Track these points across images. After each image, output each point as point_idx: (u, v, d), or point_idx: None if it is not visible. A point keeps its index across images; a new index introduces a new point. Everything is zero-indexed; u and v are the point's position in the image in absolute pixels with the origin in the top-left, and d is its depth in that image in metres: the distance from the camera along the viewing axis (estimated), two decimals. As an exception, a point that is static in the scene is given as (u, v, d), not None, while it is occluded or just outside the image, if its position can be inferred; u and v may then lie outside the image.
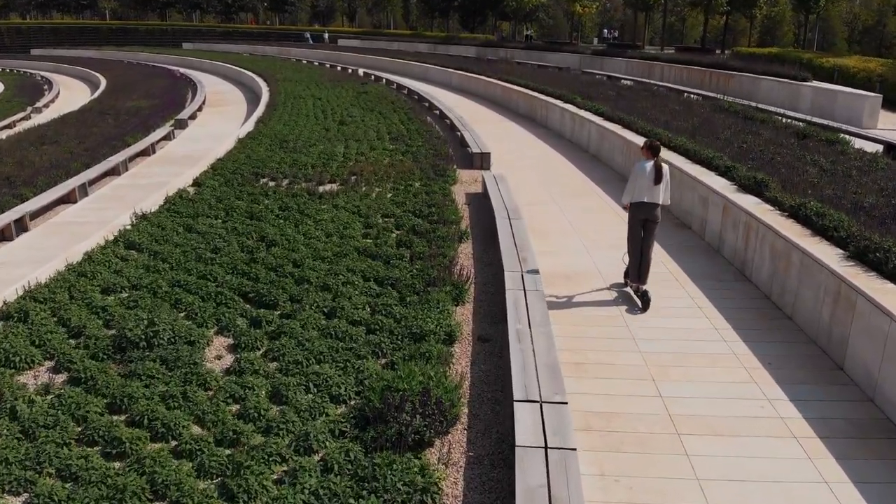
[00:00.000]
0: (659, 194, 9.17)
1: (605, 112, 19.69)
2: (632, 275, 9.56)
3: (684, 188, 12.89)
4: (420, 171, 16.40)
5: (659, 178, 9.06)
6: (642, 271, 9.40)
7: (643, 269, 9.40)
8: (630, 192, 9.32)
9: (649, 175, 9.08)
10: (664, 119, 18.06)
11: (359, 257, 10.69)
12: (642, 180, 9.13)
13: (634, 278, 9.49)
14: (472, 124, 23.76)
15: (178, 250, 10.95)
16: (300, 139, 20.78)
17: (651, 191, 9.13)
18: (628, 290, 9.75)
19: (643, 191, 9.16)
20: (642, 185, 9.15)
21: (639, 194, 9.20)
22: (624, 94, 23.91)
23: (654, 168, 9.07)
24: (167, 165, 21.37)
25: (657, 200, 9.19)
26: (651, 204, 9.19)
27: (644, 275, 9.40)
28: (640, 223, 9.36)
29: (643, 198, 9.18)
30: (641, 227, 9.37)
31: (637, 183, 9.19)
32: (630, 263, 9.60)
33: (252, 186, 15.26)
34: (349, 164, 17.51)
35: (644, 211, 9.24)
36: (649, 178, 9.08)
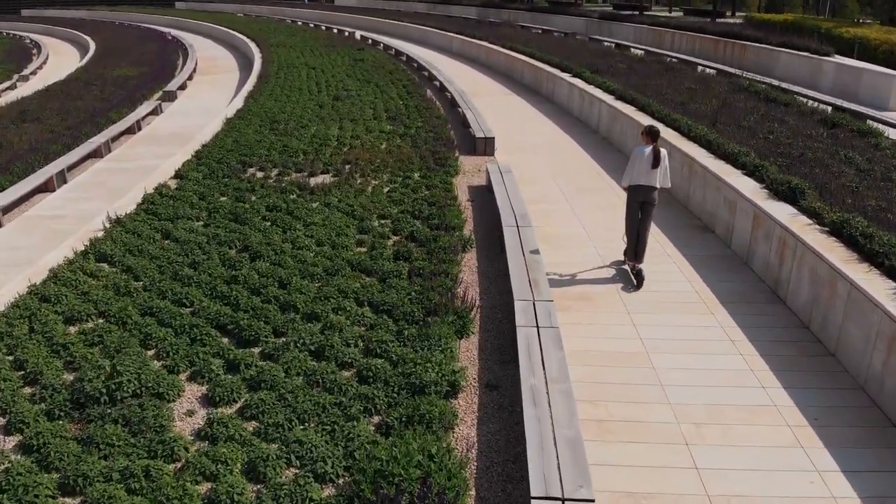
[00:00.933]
0: (656, 178, 9.50)
1: (617, 90, 18.47)
2: (629, 254, 9.97)
3: (708, 188, 11.82)
4: (419, 160, 15.29)
5: (656, 162, 9.37)
6: (639, 251, 9.78)
7: (640, 249, 9.77)
8: (629, 175, 9.66)
9: (647, 159, 9.40)
10: (680, 100, 16.88)
11: (352, 273, 9.69)
12: (640, 164, 9.45)
13: (631, 258, 9.90)
14: (474, 98, 22.55)
15: (153, 265, 9.95)
16: (292, 118, 19.59)
17: (648, 175, 9.47)
18: (626, 268, 10.10)
19: (641, 174, 9.49)
20: (640, 168, 9.47)
21: (636, 178, 9.54)
22: (635, 68, 22.61)
23: (652, 153, 9.39)
24: (152, 145, 20.25)
25: (654, 184, 9.51)
26: (648, 187, 9.52)
27: (640, 254, 9.79)
28: (638, 205, 9.68)
29: (641, 181, 9.52)
30: (639, 209, 9.68)
31: (635, 167, 9.51)
32: (627, 244, 9.98)
33: (238, 179, 14.18)
34: (343, 151, 16.38)
35: (642, 194, 9.58)
36: (647, 163, 9.41)
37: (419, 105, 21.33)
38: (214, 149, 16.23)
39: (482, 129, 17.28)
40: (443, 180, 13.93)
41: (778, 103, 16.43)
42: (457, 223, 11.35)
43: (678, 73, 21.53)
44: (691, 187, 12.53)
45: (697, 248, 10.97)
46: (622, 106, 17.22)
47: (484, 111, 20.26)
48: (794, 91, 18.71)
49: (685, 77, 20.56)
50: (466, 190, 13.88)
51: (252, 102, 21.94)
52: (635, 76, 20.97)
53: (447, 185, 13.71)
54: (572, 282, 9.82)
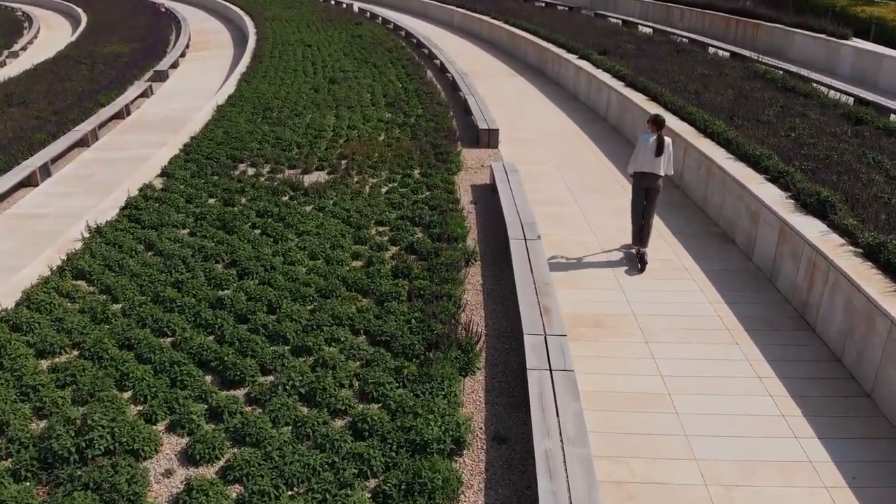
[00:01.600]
0: (661, 166, 9.77)
1: (627, 76, 17.60)
2: (634, 239, 10.21)
3: (728, 193, 11.09)
4: (419, 154, 14.52)
5: (660, 150, 9.66)
6: (643, 235, 10.07)
7: (644, 234, 10.07)
8: (634, 163, 9.94)
9: (652, 147, 9.69)
10: (694, 89, 16.04)
11: (347, 294, 9.00)
12: (646, 152, 9.74)
13: (636, 242, 10.14)
14: (476, 80, 21.75)
15: (133, 284, 9.26)
16: (286, 105, 18.76)
17: (653, 162, 9.74)
18: (631, 251, 10.36)
19: (646, 162, 9.77)
20: (645, 156, 9.75)
21: (641, 165, 9.83)
22: (644, 49, 21.68)
23: (656, 141, 9.66)
24: (141, 132, 19.47)
25: (659, 171, 9.79)
26: (653, 174, 9.80)
27: (645, 239, 10.08)
28: (643, 192, 9.96)
29: (646, 168, 9.80)
30: (644, 195, 9.96)
31: (641, 154, 9.80)
32: (633, 228, 10.20)
33: (228, 178, 13.43)
34: (339, 143, 15.60)
35: (647, 180, 9.87)
36: (652, 151, 9.69)
37: (419, 89, 20.46)
38: (204, 141, 15.44)
39: (485, 118, 16.47)
40: (444, 178, 13.19)
41: (797, 93, 15.60)
42: (460, 232, 10.63)
43: (689, 55, 20.61)
44: (709, 190, 11.80)
45: (717, 260, 10.28)
46: (632, 94, 16.39)
47: (486, 95, 19.43)
48: (813, 79, 17.84)
49: (697, 60, 19.67)
50: (469, 190, 13.14)
51: (245, 86, 21.06)
52: (644, 59, 20.07)
53: (449, 184, 12.97)
54: (584, 301, 9.14)
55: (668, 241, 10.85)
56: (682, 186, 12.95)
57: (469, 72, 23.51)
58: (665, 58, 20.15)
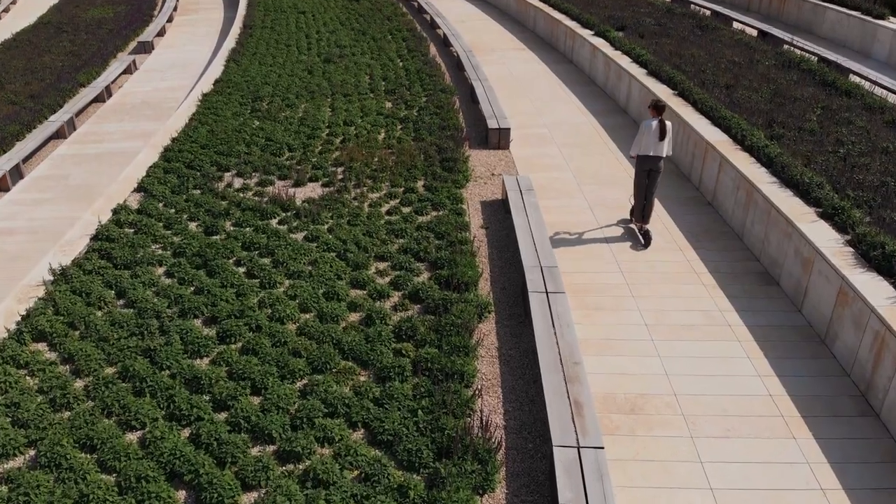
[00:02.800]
0: (663, 148, 10.27)
1: (650, 63, 16.09)
2: (636, 216, 10.75)
3: (772, 228, 9.83)
4: (423, 161, 13.20)
5: (663, 135, 10.14)
6: (646, 213, 10.61)
7: (647, 212, 10.60)
8: (637, 146, 10.40)
9: (655, 132, 10.15)
10: (724, 81, 14.59)
11: (343, 364, 7.87)
12: (648, 136, 10.20)
13: (639, 219, 10.70)
14: (481, 55, 20.43)
15: (99, 351, 8.11)
16: (277, 92, 17.32)
17: (656, 146, 10.22)
18: (632, 226, 11.00)
19: (649, 146, 10.24)
20: (648, 140, 10.21)
21: (645, 149, 10.30)
22: (664, 25, 20.04)
23: (658, 126, 10.12)
24: (122, 119, 18.12)
25: (661, 154, 10.31)
26: (655, 157, 10.32)
27: (647, 216, 10.63)
28: (646, 173, 10.43)
29: (649, 151, 10.28)
30: (647, 176, 10.43)
31: (644, 139, 10.25)
32: (636, 206, 10.70)
33: (212, 193, 12.15)
34: (335, 145, 14.26)
35: (649, 163, 10.37)
36: (654, 135, 10.17)
37: (421, 69, 18.93)
38: (186, 143, 14.06)
39: (495, 114, 15.05)
40: (451, 194, 11.92)
41: (837, 89, 14.15)
42: (471, 276, 9.41)
43: (714, 33, 19.01)
44: (749, 219, 10.53)
45: (761, 311, 9.09)
46: (656, 86, 14.93)
47: (493, 76, 18.08)
48: (853, 70, 16.26)
49: (723, 41, 18.09)
50: (479, 208, 11.87)
51: (233, 67, 19.52)
52: (666, 38, 18.50)
53: (456, 201, 11.73)
54: (615, 373, 8.00)
55: (706, 283, 9.65)
56: (716, 206, 11.68)
57: (474, 45, 21.97)
58: (688, 37, 18.57)
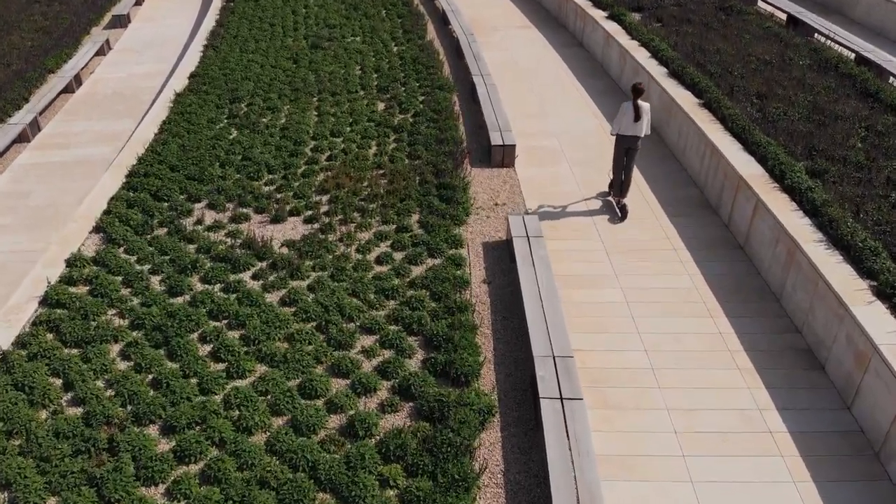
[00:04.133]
0: (640, 129, 10.84)
1: (671, 62, 14.42)
2: (615, 191, 11.45)
3: (819, 300, 8.46)
4: (419, 187, 11.78)
5: (638, 116, 10.71)
6: (624, 188, 11.28)
7: (625, 187, 11.27)
8: (617, 126, 10.99)
9: (630, 114, 10.73)
10: (755, 89, 13.01)
11: (319, 499, 6.66)
12: (626, 117, 10.80)
13: (617, 194, 11.38)
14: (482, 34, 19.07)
15: (39, 482, 6.87)
16: (258, 87, 15.76)
17: (632, 125, 10.81)
18: (610, 199, 11.73)
19: (628, 126, 10.83)
20: (627, 121, 10.80)
21: (624, 129, 10.89)
22: (685, 5, 18.24)
23: (633, 108, 10.68)
24: (90, 116, 16.62)
25: (638, 133, 10.88)
26: (632, 136, 10.91)
27: (625, 191, 11.29)
28: (624, 151, 11.06)
29: (627, 132, 10.87)
30: (625, 154, 11.06)
31: (622, 120, 10.84)
32: (614, 181, 11.46)
33: (179, 236, 10.77)
34: (321, 163, 12.81)
35: (627, 142, 10.98)
36: (631, 117, 10.75)
37: (417, 57, 17.26)
38: (154, 165, 12.57)
39: (499, 124, 13.49)
40: (449, 236, 10.56)
41: (881, 101, 12.58)
42: (471, 364, 8.10)
43: (739, 19, 17.24)
44: (790, 281, 9.17)
45: (804, 409, 7.82)
46: (679, 91, 13.36)
47: (496, 64, 16.70)
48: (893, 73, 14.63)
49: (750, 30, 16.35)
50: (481, 253, 10.49)
51: (211, 55, 17.82)
52: (687, 25, 16.79)
53: (455, 244, 10.45)
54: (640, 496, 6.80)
55: (741, 366, 8.35)
56: (749, 253, 10.31)
57: (475, 21, 20.31)
58: (711, 23, 16.84)
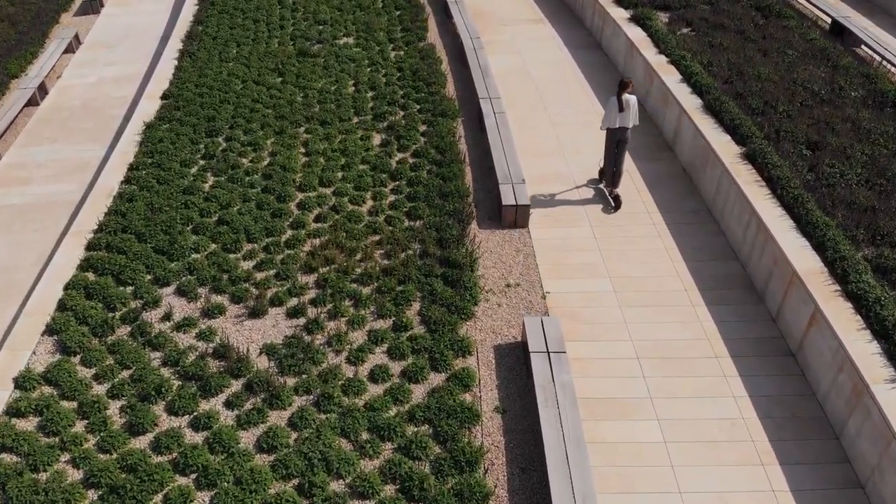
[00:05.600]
0: (627, 120, 11.09)
1: (705, 90, 12.53)
2: (607, 182, 11.76)
3: (889, 464, 7.09)
4: (420, 263, 10.25)
5: (621, 108, 10.97)
6: (616, 179, 11.52)
7: (616, 177, 11.50)
8: (606, 121, 11.20)
9: (616, 106, 11.02)
10: (804, 131, 11.29)
11: None
12: (612, 111, 11.09)
13: (609, 184, 11.66)
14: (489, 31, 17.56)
15: None
16: (239, 112, 14.09)
17: (620, 118, 11.08)
18: (601, 187, 12.02)
19: (615, 119, 11.10)
20: (613, 115, 11.08)
21: (612, 122, 11.15)
22: (717, 3, 16.27)
23: (618, 101, 10.96)
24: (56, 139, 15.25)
25: (627, 125, 11.13)
26: (622, 128, 11.16)
27: (617, 181, 11.54)
28: (615, 143, 11.27)
29: (615, 124, 11.15)
30: (615, 146, 11.27)
31: (610, 114, 11.12)
32: (606, 172, 11.72)
33: (141, 337, 9.31)
34: (308, 224, 11.27)
35: (617, 134, 11.21)
36: (616, 109, 11.03)
37: (417, 68, 15.44)
38: (117, 235, 10.97)
39: (510, 176, 11.75)
40: (455, 341, 9.13)
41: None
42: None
43: (780, 26, 15.29)
44: (854, 423, 7.67)
45: None
46: (718, 138, 11.58)
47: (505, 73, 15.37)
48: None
49: (793, 43, 14.41)
50: (493, 363, 9.03)
51: (187, 65, 15.95)
52: (721, 33, 14.89)
53: (462, 351, 9.09)
54: None
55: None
56: (804, 366, 8.81)
57: (481, 13, 18.63)
58: (748, 30, 14.93)
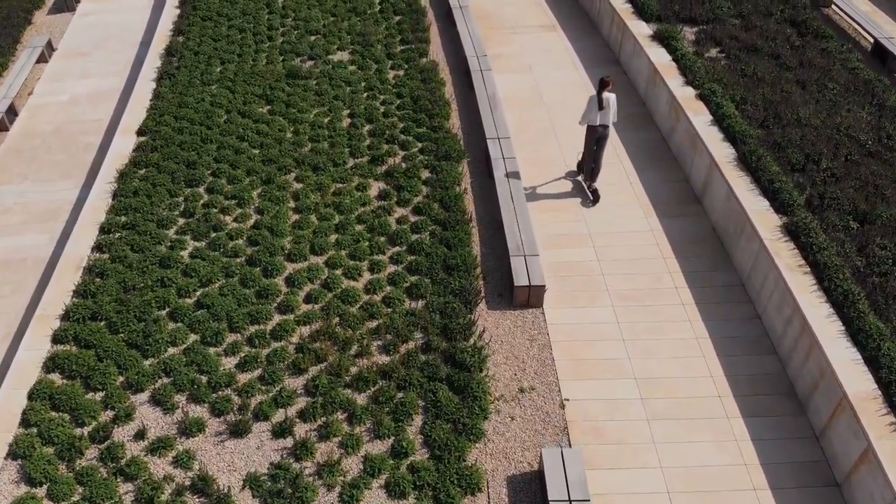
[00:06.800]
0: (606, 117, 11.35)
1: (741, 137, 11.15)
2: (585, 176, 12.16)
3: None
4: (422, 370, 9.09)
5: (601, 106, 11.19)
6: (594, 173, 11.95)
7: (595, 172, 11.93)
8: (586, 118, 11.47)
9: (595, 104, 11.25)
10: (852, 200, 10.03)
11: None
12: (592, 108, 11.33)
13: (588, 178, 12.07)
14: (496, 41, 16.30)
15: None
16: (222, 154, 12.77)
17: (600, 115, 11.32)
18: (580, 179, 12.42)
19: (595, 117, 11.36)
20: (593, 113, 11.33)
21: (591, 119, 11.41)
22: (748, 18, 14.74)
23: (598, 99, 11.16)
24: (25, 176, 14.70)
25: (606, 122, 11.41)
26: (601, 126, 11.43)
27: (595, 176, 11.96)
28: (595, 140, 11.57)
29: (596, 122, 11.40)
30: (595, 143, 11.59)
31: (590, 113, 11.37)
32: (585, 167, 12.08)
33: (112, 463, 8.19)
34: (297, 313, 10.06)
35: (597, 131, 11.48)
36: (595, 106, 11.27)
37: (419, 96, 14.04)
38: (85, 324, 9.75)
39: (522, 245, 10.52)
40: (462, 473, 8.04)
41: None
42: None
43: (818, 49, 13.82)
44: None
45: None
46: (754, 203, 10.29)
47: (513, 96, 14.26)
48: None
49: (834, 74, 12.98)
50: (505, 502, 7.96)
51: (166, 90, 14.51)
52: (755, 57, 13.47)
53: (470, 486, 7.97)
54: None
55: None
56: None
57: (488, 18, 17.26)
58: (783, 53, 13.54)
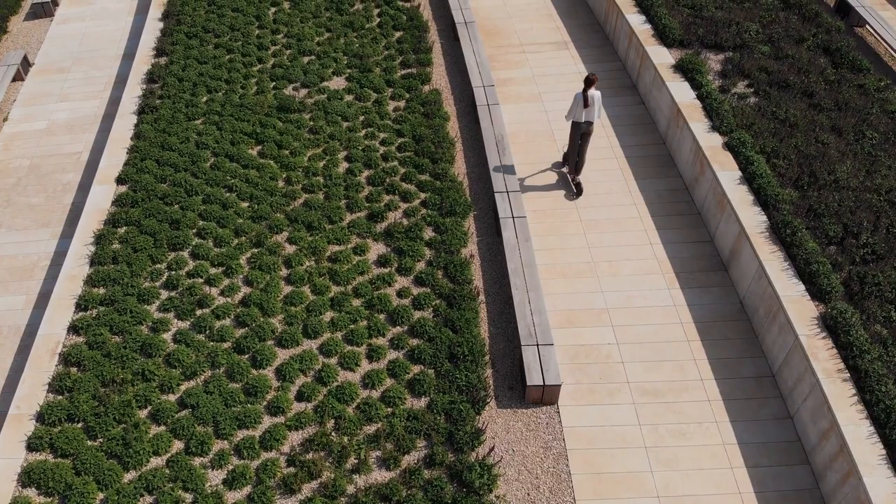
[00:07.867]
0: (591, 114, 11.58)
1: (773, 202, 10.17)
2: (570, 170, 12.36)
3: None
4: (425, 484, 8.34)
5: (586, 103, 11.41)
6: (579, 167, 12.19)
7: (579, 166, 12.18)
8: (571, 115, 11.71)
9: (581, 101, 11.46)
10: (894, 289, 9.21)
11: None
12: (577, 106, 11.55)
13: (572, 171, 12.31)
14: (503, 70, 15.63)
15: None
16: (209, 210, 11.83)
17: (584, 112, 11.56)
18: (564, 171, 12.69)
19: (580, 114, 11.60)
20: (578, 110, 11.56)
21: (577, 116, 11.66)
22: (779, 45, 13.48)
23: (583, 96, 11.37)
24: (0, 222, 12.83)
25: (591, 119, 11.63)
26: (586, 122, 11.67)
27: (580, 169, 12.23)
28: (580, 135, 11.81)
29: (581, 119, 11.64)
30: (580, 138, 11.84)
31: (575, 109, 11.60)
32: (570, 160, 12.27)
33: None
34: (289, 415, 9.32)
35: (581, 127, 11.72)
36: (580, 104, 11.48)
37: (422, 136, 13.02)
38: (63, 424, 8.97)
39: (535, 334, 9.64)
40: None
41: None
42: None
43: (854, 86, 12.66)
44: None
45: None
46: (789, 289, 9.39)
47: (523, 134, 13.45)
48: None
49: (872, 120, 11.82)
50: None
51: (147, 128, 13.42)
52: (787, 95, 12.35)
53: None
54: None
55: None
56: None
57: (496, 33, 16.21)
58: (817, 91, 12.39)
